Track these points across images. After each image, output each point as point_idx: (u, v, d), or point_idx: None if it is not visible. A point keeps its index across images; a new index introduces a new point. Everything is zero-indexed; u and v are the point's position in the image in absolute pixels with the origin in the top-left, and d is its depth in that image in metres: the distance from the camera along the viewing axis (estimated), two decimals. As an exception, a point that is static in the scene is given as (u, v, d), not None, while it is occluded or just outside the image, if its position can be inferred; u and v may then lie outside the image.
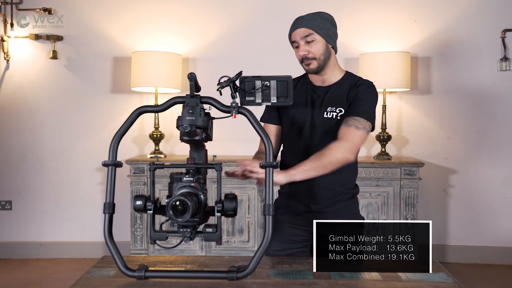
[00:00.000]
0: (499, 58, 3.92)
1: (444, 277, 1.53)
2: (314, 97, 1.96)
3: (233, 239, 3.66)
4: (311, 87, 2.00)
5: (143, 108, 1.52)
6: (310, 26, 1.90)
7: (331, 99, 1.95)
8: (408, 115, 4.01)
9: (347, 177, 1.97)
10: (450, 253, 4.01)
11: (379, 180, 3.58)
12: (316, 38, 1.90)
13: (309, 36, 1.90)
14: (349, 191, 1.99)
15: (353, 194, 2.01)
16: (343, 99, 1.94)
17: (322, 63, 1.93)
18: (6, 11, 3.98)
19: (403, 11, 3.97)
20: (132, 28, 4.03)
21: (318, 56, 1.92)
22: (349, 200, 1.99)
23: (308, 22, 1.91)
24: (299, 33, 1.91)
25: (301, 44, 1.92)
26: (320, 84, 1.99)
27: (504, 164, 3.99)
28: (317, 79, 2.00)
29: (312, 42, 1.91)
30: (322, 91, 1.97)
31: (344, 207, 1.97)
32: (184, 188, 1.44)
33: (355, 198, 2.03)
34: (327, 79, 1.98)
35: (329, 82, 1.98)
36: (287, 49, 2.03)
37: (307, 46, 1.91)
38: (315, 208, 1.95)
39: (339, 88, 1.96)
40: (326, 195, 1.94)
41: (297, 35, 1.92)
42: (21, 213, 4.11)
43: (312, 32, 1.90)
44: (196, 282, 1.46)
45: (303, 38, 1.90)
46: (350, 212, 1.98)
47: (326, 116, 1.93)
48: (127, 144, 3.99)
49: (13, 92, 4.07)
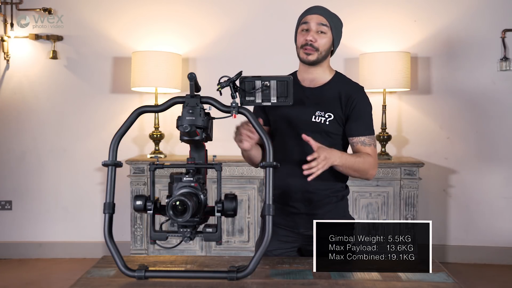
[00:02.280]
0: (499, 58, 3.92)
1: (444, 277, 1.53)
2: (303, 98, 1.93)
3: (233, 239, 3.66)
4: (300, 87, 1.96)
5: (143, 108, 1.52)
6: (328, 18, 1.91)
7: (320, 102, 1.93)
8: (408, 115, 4.01)
9: (337, 180, 1.97)
10: (450, 253, 4.01)
11: (379, 180, 3.58)
12: (327, 32, 1.91)
13: (324, 27, 1.90)
14: (339, 193, 1.99)
15: (343, 196, 2.01)
16: (333, 103, 1.92)
17: (321, 58, 1.92)
18: (6, 11, 3.98)
19: (403, 11, 3.97)
20: (132, 28, 4.03)
21: (321, 50, 1.91)
22: (339, 202, 1.99)
23: (327, 14, 1.92)
24: (316, 18, 1.90)
25: (313, 30, 1.90)
26: (308, 85, 1.97)
27: (504, 164, 3.99)
28: (306, 79, 1.97)
29: (323, 33, 1.91)
30: (311, 92, 1.95)
31: (333, 208, 1.96)
32: (184, 188, 1.44)
33: (345, 199, 2.03)
34: (317, 79, 1.96)
35: (318, 83, 1.96)
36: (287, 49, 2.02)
37: (317, 35, 1.90)
38: (305, 210, 1.95)
39: (328, 91, 1.94)
40: (316, 197, 1.94)
41: (314, 19, 1.91)
42: (21, 213, 4.11)
43: (328, 24, 1.91)
44: (196, 282, 1.46)
45: (318, 25, 1.90)
46: (339, 213, 1.97)
47: (314, 120, 1.91)
48: (127, 144, 3.99)
49: (13, 92, 4.07)
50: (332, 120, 1.91)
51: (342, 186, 2.01)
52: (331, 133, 1.93)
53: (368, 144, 1.93)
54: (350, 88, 1.95)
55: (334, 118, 1.91)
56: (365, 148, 1.93)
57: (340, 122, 1.93)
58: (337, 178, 1.96)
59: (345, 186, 2.03)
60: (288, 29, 2.01)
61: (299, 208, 1.95)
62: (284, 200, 1.97)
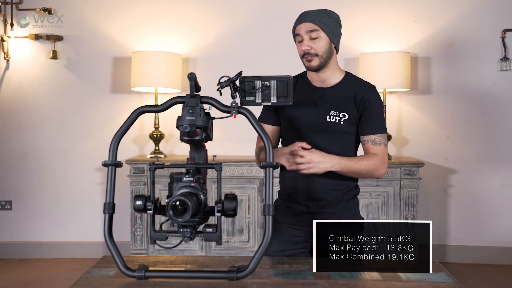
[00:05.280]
0: (499, 58, 3.92)
1: (444, 277, 1.53)
2: (315, 99, 1.93)
3: (233, 239, 3.66)
4: (311, 88, 1.96)
5: (143, 108, 1.52)
6: (316, 22, 1.88)
7: (334, 102, 1.92)
8: (408, 115, 4.01)
9: (348, 179, 1.96)
10: (450, 253, 4.01)
11: (379, 180, 3.57)
12: (320, 35, 1.88)
13: (314, 32, 1.88)
14: (350, 192, 1.98)
15: (354, 195, 2.00)
16: (347, 103, 1.92)
17: (324, 61, 1.91)
18: (6, 11, 3.98)
19: (403, 11, 3.97)
20: (132, 28, 4.03)
21: (321, 54, 1.89)
22: (349, 201, 1.98)
23: (315, 18, 1.88)
24: (304, 27, 1.88)
25: (305, 39, 1.89)
26: (320, 85, 1.96)
27: (504, 164, 3.99)
28: (316, 79, 1.97)
29: (316, 38, 1.88)
30: (323, 92, 1.95)
31: (344, 207, 1.96)
32: (184, 188, 1.44)
33: (355, 198, 2.02)
34: (327, 80, 1.96)
35: (329, 83, 1.96)
36: (287, 49, 2.02)
37: (310, 42, 1.89)
38: (315, 209, 1.94)
39: (341, 90, 1.94)
40: (326, 196, 1.93)
41: (302, 29, 1.89)
42: (21, 213, 4.11)
43: (317, 28, 1.88)
44: (196, 282, 1.46)
45: (308, 33, 1.88)
46: (350, 212, 1.97)
47: (329, 120, 1.91)
48: (127, 144, 3.99)
49: (13, 92, 4.07)
50: (346, 120, 1.91)
51: (354, 185, 2.01)
52: (345, 132, 1.92)
53: (379, 143, 1.93)
54: (363, 88, 1.95)
55: (348, 118, 1.91)
56: (374, 147, 1.93)
57: (354, 122, 1.93)
58: (349, 177, 1.95)
59: (355, 185, 2.02)
60: (288, 29, 2.00)
61: (310, 207, 1.95)
62: (296, 200, 1.97)
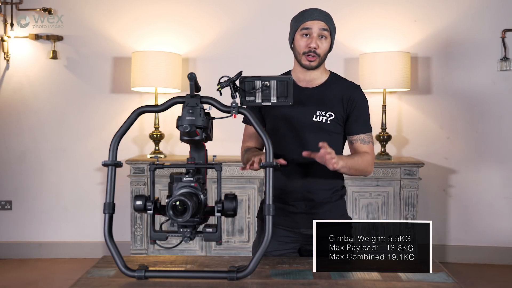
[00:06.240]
0: (499, 58, 3.92)
1: (444, 277, 1.53)
2: (302, 98, 1.91)
3: (233, 239, 3.66)
4: (297, 88, 1.93)
5: (143, 108, 1.52)
6: (328, 23, 1.90)
7: (321, 102, 1.93)
8: (408, 115, 4.01)
9: (335, 178, 1.98)
10: (450, 253, 4.01)
11: (379, 180, 3.58)
12: (328, 36, 1.91)
13: (325, 32, 1.90)
14: (337, 192, 2.00)
15: (341, 195, 2.02)
16: (334, 103, 1.92)
17: (321, 62, 1.93)
18: (6, 11, 3.98)
19: (403, 11, 3.97)
20: (132, 28, 4.03)
21: (322, 55, 1.91)
22: (337, 201, 2.00)
23: (327, 19, 1.91)
24: (318, 25, 1.89)
25: (315, 36, 1.89)
26: (305, 85, 1.96)
27: (504, 164, 3.99)
28: (302, 79, 1.96)
29: (324, 38, 1.90)
30: (309, 92, 1.94)
31: (333, 208, 1.97)
32: (184, 188, 1.44)
33: (343, 199, 2.04)
34: (314, 80, 1.96)
35: (315, 83, 1.96)
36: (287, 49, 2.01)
37: (319, 40, 1.90)
38: (304, 209, 1.95)
39: (327, 90, 1.94)
40: (315, 196, 1.94)
41: (316, 26, 1.88)
42: (21, 213, 4.11)
43: (328, 28, 1.90)
44: (196, 282, 1.46)
45: (321, 31, 1.89)
46: (339, 212, 1.98)
47: (316, 119, 1.91)
48: (127, 144, 3.99)
49: (13, 92, 4.07)
50: (333, 120, 1.92)
51: (341, 185, 2.03)
52: (332, 132, 1.93)
53: (367, 141, 1.96)
54: (350, 88, 1.97)
55: (335, 117, 1.92)
56: (363, 146, 1.96)
57: (341, 121, 1.94)
58: (336, 177, 1.97)
59: (342, 186, 2.04)
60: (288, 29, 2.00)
61: (299, 207, 1.95)
62: (284, 200, 1.97)
